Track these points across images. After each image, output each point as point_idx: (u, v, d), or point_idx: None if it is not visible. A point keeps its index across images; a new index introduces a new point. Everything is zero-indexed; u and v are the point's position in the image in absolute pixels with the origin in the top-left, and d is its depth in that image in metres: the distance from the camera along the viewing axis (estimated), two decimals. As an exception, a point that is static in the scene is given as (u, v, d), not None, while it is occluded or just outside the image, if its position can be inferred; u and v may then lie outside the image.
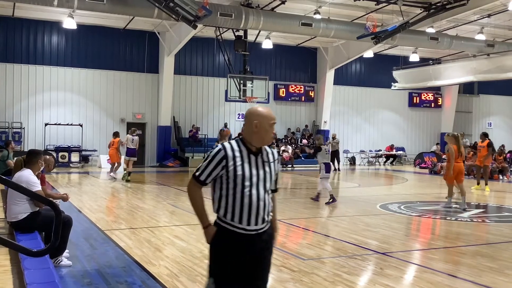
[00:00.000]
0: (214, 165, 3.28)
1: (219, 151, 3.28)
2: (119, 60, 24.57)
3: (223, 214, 3.33)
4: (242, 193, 3.26)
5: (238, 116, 27.13)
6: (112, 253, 6.79)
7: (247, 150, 3.32)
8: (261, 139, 3.35)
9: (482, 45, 23.49)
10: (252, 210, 3.28)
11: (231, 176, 3.25)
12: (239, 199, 3.27)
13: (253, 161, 3.31)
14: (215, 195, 3.38)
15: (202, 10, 16.36)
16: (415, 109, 31.17)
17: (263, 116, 3.38)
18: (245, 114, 3.44)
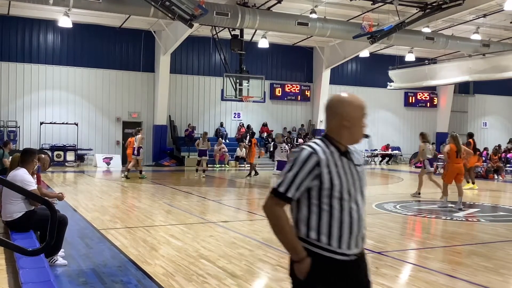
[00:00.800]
0: (305, 174, 2.52)
1: (310, 155, 2.53)
2: (115, 59, 24.52)
3: (316, 237, 2.56)
4: (341, 208, 2.56)
5: (234, 116, 27.13)
6: (107, 252, 6.78)
7: (338, 152, 2.62)
8: (352, 136, 2.69)
9: (478, 45, 23.56)
10: (353, 229, 2.62)
11: (326, 187, 2.53)
12: (337, 217, 2.56)
13: (346, 165, 2.61)
14: (302, 213, 2.60)
15: (198, 9, 16.34)
16: (411, 108, 31.24)
17: (354, 106, 2.73)
18: (328, 104, 2.69)
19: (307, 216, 2.59)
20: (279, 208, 2.57)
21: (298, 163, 2.53)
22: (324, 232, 2.56)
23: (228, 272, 5.80)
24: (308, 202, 2.58)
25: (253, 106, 26.47)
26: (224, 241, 7.45)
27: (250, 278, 5.68)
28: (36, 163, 6.27)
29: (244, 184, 17.61)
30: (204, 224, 8.91)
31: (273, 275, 5.76)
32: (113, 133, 24.62)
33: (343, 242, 2.58)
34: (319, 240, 2.56)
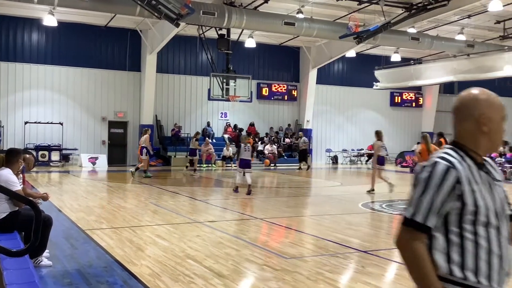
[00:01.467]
0: (445, 195, 2.02)
1: (448, 170, 2.03)
2: (101, 58, 24.34)
3: (460, 273, 2.03)
4: (488, 235, 2.05)
5: (221, 115, 27.09)
6: (93, 252, 6.73)
7: (475, 164, 2.12)
8: (492, 144, 2.17)
9: (462, 46, 23.80)
10: (504, 261, 2.08)
11: (470, 210, 2.03)
12: (484, 247, 2.04)
13: (485, 181, 2.11)
14: (438, 245, 2.07)
15: (185, 8, 16.28)
16: (397, 108, 31.46)
17: (493, 107, 2.13)
18: (460, 104, 2.16)
19: (445, 248, 2.05)
20: (418, 243, 2.04)
21: (433, 182, 2.02)
22: (470, 267, 2.03)
23: (215, 272, 5.79)
24: (445, 230, 2.06)
25: (240, 105, 26.44)
26: (210, 241, 7.44)
27: (237, 278, 5.68)
28: (21, 163, 6.20)
29: (232, 183, 17.60)
30: (190, 224, 8.89)
31: (259, 275, 5.77)
32: (98, 132, 24.44)
33: (493, 280, 2.05)
34: (466, 277, 2.03)
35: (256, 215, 10.08)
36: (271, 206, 11.73)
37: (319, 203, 12.91)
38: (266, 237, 8.32)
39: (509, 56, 20.98)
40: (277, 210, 10.99)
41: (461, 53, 23.84)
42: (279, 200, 12.86)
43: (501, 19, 22.49)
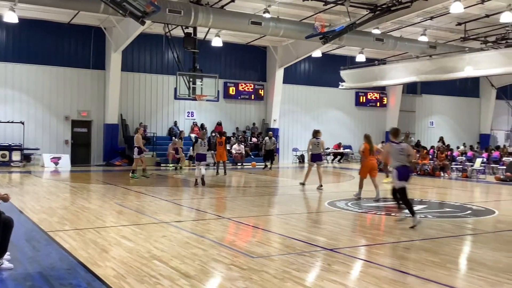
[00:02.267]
0: None
1: None
2: (63, 55, 23.81)
3: None
4: None
5: (188, 114, 26.90)
6: (55, 254, 6.58)
7: None
8: None
9: (425, 47, 24.35)
10: None
11: None
12: None
13: None
14: None
15: (150, 6, 16.07)
16: (362, 108, 31.93)
17: None
18: None
19: None
20: None
21: None
22: None
23: (181, 272, 5.74)
24: None
25: (207, 105, 26.34)
26: (177, 241, 7.37)
27: (204, 278, 5.64)
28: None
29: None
30: (156, 225, 8.79)
31: (226, 275, 5.75)
32: (61, 132, 23.91)
33: None
34: None
35: (223, 215, 10.05)
36: (238, 206, 11.71)
37: (286, 202, 12.97)
38: (233, 236, 8.31)
39: (469, 57, 21.57)
40: (244, 210, 10.98)
41: (423, 54, 24.38)
42: (246, 200, 12.86)
43: (462, 21, 23.12)
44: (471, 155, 23.71)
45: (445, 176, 20.61)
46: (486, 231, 8.95)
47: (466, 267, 6.50)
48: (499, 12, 20.57)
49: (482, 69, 21.73)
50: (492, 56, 21.13)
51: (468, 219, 10.19)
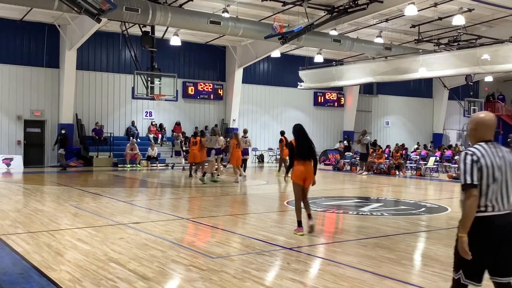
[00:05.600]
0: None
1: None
2: (15, 53, 23.02)
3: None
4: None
5: (146, 114, 26.54)
6: (8, 259, 6.35)
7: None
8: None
9: (381, 48, 24.88)
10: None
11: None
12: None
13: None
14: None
15: (106, 3, 15.73)
16: (320, 108, 32.33)
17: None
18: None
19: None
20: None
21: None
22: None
23: (139, 274, 5.65)
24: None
25: (165, 104, 26.06)
26: (135, 243, 7.25)
27: (162, 279, 5.57)
28: None
29: (156, 184, 17.31)
30: (113, 226, 8.62)
31: (186, 276, 5.70)
32: (13, 132, 23.12)
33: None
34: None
35: (182, 215, 9.96)
36: (197, 206, 11.64)
37: (245, 202, 12.99)
38: (193, 237, 8.25)
39: (423, 58, 22.20)
40: (203, 210, 10.93)
41: (379, 55, 24.92)
42: (205, 200, 12.80)
43: (416, 23, 23.75)
44: (425, 154, 24.41)
45: (400, 175, 21.13)
46: (440, 227, 9.23)
47: (420, 263, 6.68)
48: (451, 15, 21.24)
49: (435, 70, 22.44)
50: (444, 58, 21.83)
51: (422, 217, 10.48)
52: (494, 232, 3.50)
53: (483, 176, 3.52)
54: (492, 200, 3.53)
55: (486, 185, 3.52)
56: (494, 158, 3.57)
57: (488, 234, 3.50)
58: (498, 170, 3.56)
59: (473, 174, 3.49)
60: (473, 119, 3.75)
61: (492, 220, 3.51)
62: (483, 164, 3.52)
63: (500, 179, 3.56)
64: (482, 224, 3.50)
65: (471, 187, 3.48)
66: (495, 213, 3.52)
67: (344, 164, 24.36)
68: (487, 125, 3.69)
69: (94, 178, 19.31)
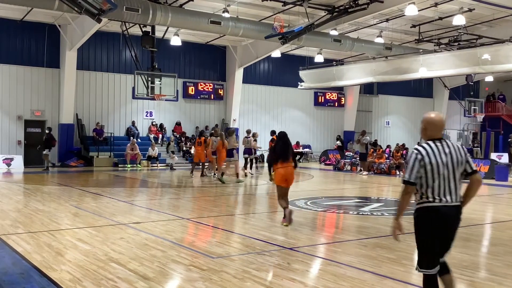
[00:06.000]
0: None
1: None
2: (16, 53, 23.03)
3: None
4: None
5: (146, 114, 26.54)
6: (8, 259, 6.36)
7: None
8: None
9: (381, 48, 24.86)
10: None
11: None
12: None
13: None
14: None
15: (107, 3, 15.74)
16: (320, 108, 32.33)
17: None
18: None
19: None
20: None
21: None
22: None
23: (140, 274, 5.65)
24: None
25: (166, 104, 26.07)
26: (135, 243, 7.25)
27: (163, 279, 5.57)
28: None
29: (157, 184, 17.32)
30: (114, 226, 8.63)
31: (186, 276, 5.70)
32: (14, 132, 23.13)
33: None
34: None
35: (182, 215, 9.96)
36: (197, 206, 11.65)
37: (246, 202, 12.99)
38: (193, 237, 8.25)
39: (423, 58, 22.18)
40: (203, 210, 10.93)
41: (379, 55, 24.91)
42: (205, 200, 12.80)
43: (416, 23, 23.75)
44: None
45: (401, 175, 21.10)
46: (440, 227, 9.21)
47: (421, 263, 6.67)
48: (451, 15, 21.23)
49: (435, 70, 22.42)
50: (445, 58, 21.82)
51: (422, 216, 10.45)
52: (440, 221, 3.93)
53: (427, 172, 3.93)
54: (440, 193, 3.92)
55: (431, 180, 3.92)
56: (439, 155, 3.96)
57: (435, 221, 3.94)
58: (443, 166, 3.94)
59: (412, 173, 3.96)
60: (424, 119, 4.12)
61: (439, 210, 3.92)
62: (427, 162, 3.93)
63: (447, 175, 3.94)
64: (431, 213, 3.94)
65: (408, 184, 3.97)
66: (442, 204, 3.91)
67: (344, 164, 24.35)
68: (436, 124, 4.06)
69: (95, 178, 19.31)
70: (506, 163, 21.11)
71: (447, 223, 3.98)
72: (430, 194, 3.95)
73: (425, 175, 3.95)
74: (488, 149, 33.74)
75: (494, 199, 14.30)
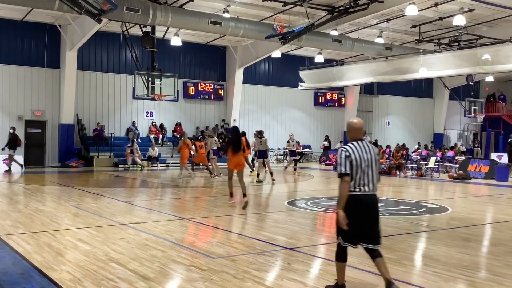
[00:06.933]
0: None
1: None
2: (16, 54, 23.04)
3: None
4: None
5: (146, 114, 26.55)
6: (8, 259, 6.35)
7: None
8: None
9: (381, 48, 24.87)
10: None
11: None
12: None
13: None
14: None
15: (107, 4, 15.75)
16: (320, 108, 32.33)
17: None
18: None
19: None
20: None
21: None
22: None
23: (140, 274, 5.65)
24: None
25: (166, 104, 26.07)
26: (135, 243, 7.25)
27: (163, 280, 5.57)
28: None
29: (157, 184, 17.32)
30: (114, 227, 8.63)
31: (186, 276, 5.70)
32: (14, 132, 23.11)
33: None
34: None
35: (183, 216, 9.96)
36: (198, 206, 11.65)
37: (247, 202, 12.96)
38: (193, 237, 8.25)
39: (424, 59, 22.18)
40: (204, 210, 10.93)
41: (380, 55, 24.91)
42: (206, 200, 12.80)
43: (416, 23, 23.75)
44: (425, 154, 24.38)
45: (401, 175, 21.11)
46: (440, 228, 9.22)
47: (421, 263, 6.67)
48: (452, 15, 21.24)
49: (435, 70, 22.42)
50: (445, 58, 21.81)
51: (423, 217, 10.47)
52: (361, 206, 4.82)
53: (353, 167, 4.78)
54: (360, 184, 4.80)
55: (355, 173, 4.78)
56: (361, 153, 4.82)
57: (356, 208, 4.79)
58: (365, 162, 4.81)
59: (346, 166, 4.76)
60: (348, 124, 5.04)
61: (360, 198, 4.81)
62: (353, 158, 4.78)
63: (366, 169, 4.81)
64: (353, 201, 4.78)
65: (344, 175, 4.75)
66: (361, 193, 4.81)
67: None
68: (356, 128, 4.96)
69: (95, 178, 19.31)
70: (506, 163, 21.10)
71: (366, 208, 4.85)
72: (353, 185, 4.79)
73: (351, 169, 4.77)
74: (488, 149, 33.76)
75: (494, 199, 14.30)
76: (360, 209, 4.82)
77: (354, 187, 4.81)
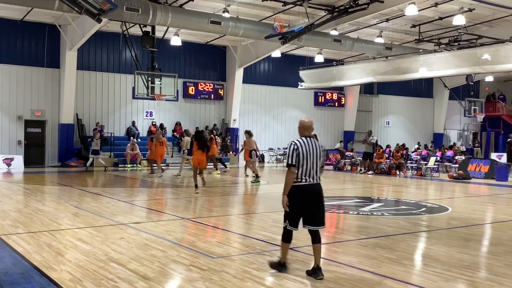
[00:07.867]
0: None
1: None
2: (16, 53, 23.03)
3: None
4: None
5: (146, 114, 26.54)
6: (8, 259, 6.35)
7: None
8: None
9: (381, 48, 24.86)
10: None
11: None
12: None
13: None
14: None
15: (107, 4, 15.74)
16: (320, 108, 32.32)
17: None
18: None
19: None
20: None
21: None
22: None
23: (140, 274, 5.65)
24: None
25: (166, 104, 26.07)
26: (135, 243, 7.25)
27: (163, 279, 5.57)
28: None
29: (157, 184, 17.31)
30: (114, 226, 8.63)
31: (186, 276, 5.70)
32: (14, 132, 23.14)
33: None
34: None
35: (183, 215, 9.96)
36: (198, 206, 11.65)
37: (246, 202, 12.99)
38: (193, 237, 8.25)
39: (423, 58, 22.18)
40: (204, 210, 10.93)
41: (380, 55, 24.91)
42: (206, 200, 12.80)
43: (416, 23, 23.74)
44: (425, 154, 24.39)
45: (401, 175, 21.12)
46: (440, 227, 9.23)
47: (421, 263, 6.68)
48: (451, 15, 21.24)
49: (435, 70, 22.43)
50: (445, 58, 21.82)
51: (423, 216, 10.48)
52: (304, 194, 5.55)
53: (300, 159, 5.49)
54: (306, 175, 5.51)
55: (301, 165, 5.49)
56: (308, 147, 5.54)
57: (301, 196, 5.53)
58: (310, 155, 5.52)
59: (292, 158, 5.50)
60: (299, 122, 5.77)
61: (304, 187, 5.53)
62: (300, 152, 5.50)
63: (311, 162, 5.52)
64: (298, 190, 5.52)
65: (291, 166, 5.50)
66: (306, 183, 5.54)
67: (344, 164, 24.36)
68: (306, 126, 5.71)
69: (95, 178, 19.31)
70: (506, 163, 21.11)
71: (310, 196, 5.58)
72: (299, 175, 5.50)
73: (298, 161, 5.47)
74: (488, 149, 33.77)
75: (494, 199, 14.31)
76: (305, 197, 5.54)
77: (301, 177, 5.52)
